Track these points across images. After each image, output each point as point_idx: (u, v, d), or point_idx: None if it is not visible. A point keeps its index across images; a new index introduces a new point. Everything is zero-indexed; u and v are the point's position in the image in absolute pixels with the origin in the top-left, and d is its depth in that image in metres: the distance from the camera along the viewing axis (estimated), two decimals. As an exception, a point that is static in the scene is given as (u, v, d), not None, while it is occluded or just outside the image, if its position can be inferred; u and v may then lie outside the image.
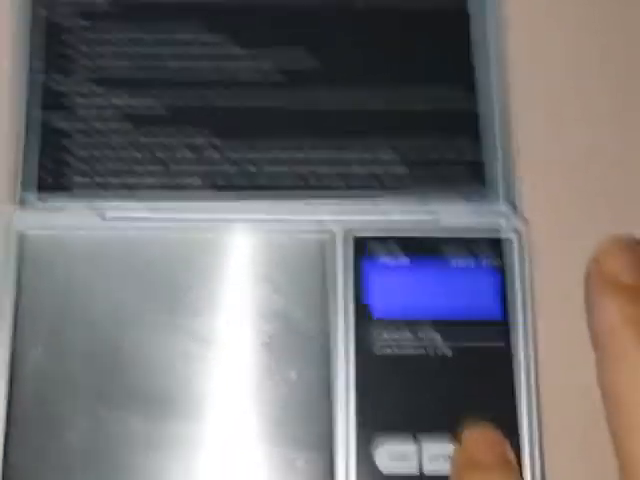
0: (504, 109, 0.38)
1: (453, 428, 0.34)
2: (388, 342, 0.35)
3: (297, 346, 0.35)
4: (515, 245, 0.36)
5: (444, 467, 0.33)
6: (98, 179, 0.37)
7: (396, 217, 0.36)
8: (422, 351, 0.34)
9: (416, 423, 0.34)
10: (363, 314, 0.35)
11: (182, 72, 0.38)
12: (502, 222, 0.36)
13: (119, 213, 0.36)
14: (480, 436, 0.33)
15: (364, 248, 0.36)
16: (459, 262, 0.35)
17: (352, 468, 0.33)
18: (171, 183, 0.37)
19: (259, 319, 0.35)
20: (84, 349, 0.34)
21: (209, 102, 0.38)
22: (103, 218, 0.36)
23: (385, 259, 0.35)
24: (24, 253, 0.35)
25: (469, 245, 0.36)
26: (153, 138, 0.37)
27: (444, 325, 0.35)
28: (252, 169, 0.37)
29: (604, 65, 0.40)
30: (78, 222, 0.35)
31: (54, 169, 0.37)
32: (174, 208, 0.36)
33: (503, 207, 0.37)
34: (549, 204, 0.38)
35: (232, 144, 0.38)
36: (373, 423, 0.34)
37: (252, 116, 0.38)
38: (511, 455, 0.33)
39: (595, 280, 0.33)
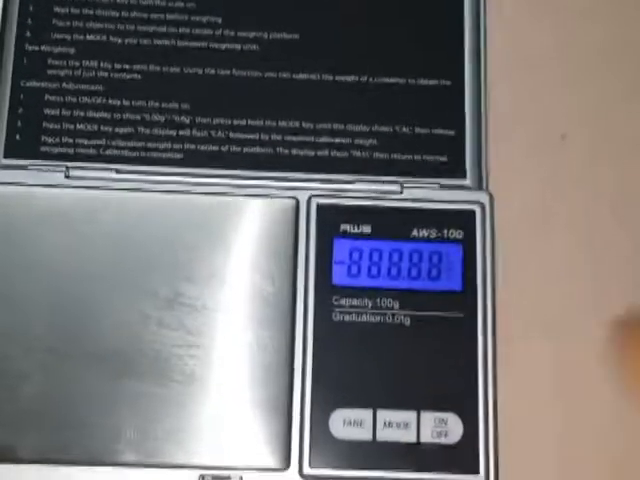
0: (474, 84, 0.38)
1: (408, 396, 0.34)
2: (347, 309, 0.35)
3: (259, 310, 0.35)
4: (478, 218, 0.36)
5: (397, 434, 0.33)
6: (66, 139, 0.37)
7: (361, 187, 0.36)
8: (380, 319, 0.35)
9: (372, 390, 0.34)
10: (324, 280, 0.35)
11: (157, 37, 0.38)
12: (466, 195, 0.36)
13: (83, 173, 0.36)
14: None
15: (327, 216, 0.36)
16: (422, 233, 0.36)
17: (306, 432, 0.33)
18: (139, 146, 0.37)
19: (220, 283, 0.35)
20: (41, 304, 0.34)
21: (183, 68, 0.38)
22: (67, 176, 0.36)
23: (348, 227, 0.36)
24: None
25: (432, 217, 0.36)
26: (124, 101, 0.38)
27: (404, 294, 0.35)
28: (221, 135, 0.37)
29: (576, 47, 0.40)
30: (42, 180, 0.35)
31: (23, 128, 0.37)
32: (141, 171, 0.36)
33: (468, 180, 0.37)
34: (514, 179, 0.38)
35: (203, 110, 0.38)
36: (329, 389, 0.34)
37: (225, 83, 0.38)
38: None
39: None
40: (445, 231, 0.36)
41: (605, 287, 0.37)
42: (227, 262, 0.35)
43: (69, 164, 0.36)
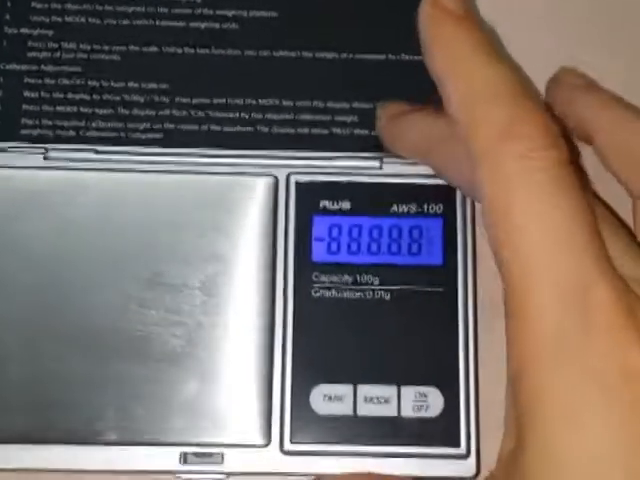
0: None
1: (388, 371, 0.34)
2: (327, 285, 0.35)
3: (239, 288, 0.35)
4: (458, 192, 0.36)
5: (378, 409, 0.33)
6: (45, 121, 0.37)
7: (340, 163, 0.36)
8: (360, 295, 0.35)
9: (352, 365, 0.34)
10: (303, 258, 0.35)
11: (135, 17, 0.38)
12: (446, 169, 0.36)
13: (62, 154, 0.36)
14: None
15: (306, 193, 0.36)
16: (401, 208, 0.35)
17: (287, 408, 0.33)
18: (119, 127, 0.37)
19: (200, 262, 0.35)
20: (22, 286, 0.34)
21: (162, 48, 0.38)
22: (45, 158, 0.36)
23: (327, 204, 0.36)
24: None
25: (412, 191, 0.36)
26: (103, 82, 0.38)
27: (384, 270, 0.35)
28: (201, 114, 0.37)
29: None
30: (21, 162, 0.36)
31: (3, 111, 0.37)
32: (120, 151, 0.36)
33: (448, 155, 0.37)
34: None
35: (182, 90, 0.38)
36: (310, 365, 0.34)
37: (204, 62, 0.38)
38: None
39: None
40: (425, 206, 0.35)
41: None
42: (206, 241, 0.35)
43: (48, 146, 0.36)
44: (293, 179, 0.36)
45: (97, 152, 0.36)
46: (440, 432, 0.33)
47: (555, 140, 0.27)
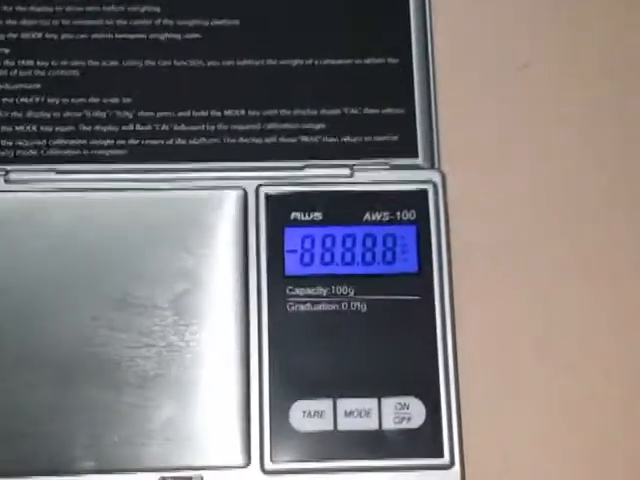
0: (421, 60, 0.37)
1: (368, 383, 0.33)
2: (302, 298, 0.34)
3: (211, 305, 0.34)
4: (431, 197, 0.35)
5: (359, 422, 0.33)
6: (5, 142, 0.36)
7: (310, 172, 0.36)
8: (336, 307, 0.34)
9: (331, 379, 0.33)
10: (276, 271, 0.34)
11: (96, 31, 0.37)
12: (417, 175, 0.35)
13: (22, 175, 0.35)
14: None
15: (276, 205, 0.35)
16: (374, 216, 0.35)
17: (266, 427, 0.33)
18: (81, 144, 0.36)
19: (170, 279, 0.34)
20: (-13, 313, 0.33)
21: (122, 61, 0.37)
22: (6, 181, 0.35)
23: (298, 215, 0.35)
24: None
25: (384, 199, 0.35)
26: (63, 99, 0.37)
27: (359, 280, 0.34)
28: (165, 127, 0.36)
29: (526, 21, 0.39)
30: (-20, 185, 0.35)
31: (-40, 132, 0.36)
32: (82, 170, 0.35)
33: (420, 159, 0.36)
34: (467, 158, 0.37)
35: (145, 103, 0.37)
36: (287, 381, 0.33)
37: (167, 74, 0.37)
38: None
39: None
40: (398, 213, 0.35)
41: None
42: (176, 258, 0.34)
43: (8, 167, 0.35)
44: (262, 191, 0.35)
45: (58, 172, 0.35)
46: (423, 443, 0.33)
47: None
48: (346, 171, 0.35)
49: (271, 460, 0.32)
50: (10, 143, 0.36)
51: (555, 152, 0.38)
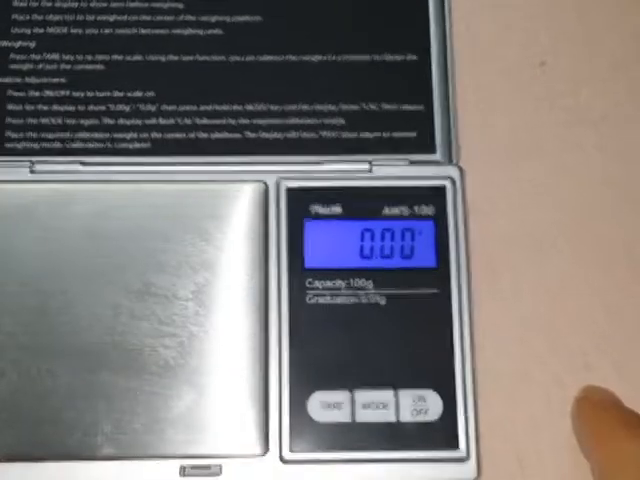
0: (440, 56, 0.38)
1: (385, 375, 0.33)
2: (321, 291, 0.34)
3: (232, 296, 0.34)
4: (449, 193, 0.35)
5: (376, 415, 0.33)
6: (30, 134, 0.36)
7: (330, 167, 0.36)
8: (355, 299, 0.34)
9: (349, 371, 0.34)
10: (296, 264, 0.35)
11: (118, 26, 0.38)
12: (436, 170, 0.36)
13: (48, 167, 0.35)
14: None
15: (297, 198, 0.35)
16: (393, 211, 0.35)
17: (285, 417, 0.33)
18: (105, 137, 0.37)
19: (191, 271, 0.34)
20: (12, 301, 0.34)
21: (145, 56, 0.38)
22: (32, 171, 0.35)
23: (318, 209, 0.35)
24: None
25: (403, 194, 0.35)
26: (88, 92, 0.37)
27: (378, 274, 0.34)
28: (188, 122, 0.37)
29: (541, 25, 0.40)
30: (7, 176, 0.35)
31: (-14, 124, 0.37)
32: (107, 162, 0.36)
33: (438, 155, 0.36)
34: (485, 154, 0.37)
35: (168, 97, 0.37)
36: (306, 372, 0.34)
37: (189, 69, 0.38)
38: None
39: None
40: (416, 208, 0.35)
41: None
42: (197, 250, 0.35)
43: (34, 159, 0.36)
44: (283, 185, 0.35)
45: (83, 164, 0.36)
46: (439, 435, 0.33)
47: None
48: (365, 166, 0.36)
49: (290, 449, 0.33)
50: (36, 135, 0.36)
51: (573, 148, 0.38)
